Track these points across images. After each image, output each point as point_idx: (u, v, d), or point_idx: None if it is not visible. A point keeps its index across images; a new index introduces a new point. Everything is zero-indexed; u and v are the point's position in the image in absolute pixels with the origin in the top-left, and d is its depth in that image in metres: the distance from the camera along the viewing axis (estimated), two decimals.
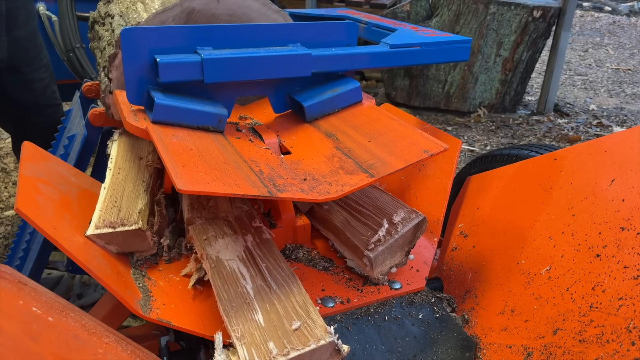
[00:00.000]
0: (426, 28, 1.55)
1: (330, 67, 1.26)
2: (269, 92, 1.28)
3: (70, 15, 2.10)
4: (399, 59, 1.36)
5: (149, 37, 1.09)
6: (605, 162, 1.09)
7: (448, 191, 1.33)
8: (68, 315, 0.69)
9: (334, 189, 1.00)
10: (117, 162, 1.23)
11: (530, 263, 1.10)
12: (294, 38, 1.26)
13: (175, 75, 1.10)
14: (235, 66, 1.14)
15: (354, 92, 1.30)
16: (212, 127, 1.15)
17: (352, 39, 1.32)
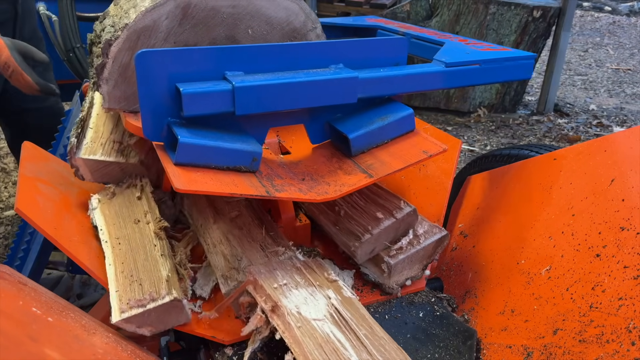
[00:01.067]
0: (477, 41, 1.39)
1: (379, 92, 1.10)
2: (305, 121, 1.11)
3: (70, 15, 2.10)
4: (458, 80, 1.18)
5: (168, 61, 0.92)
6: (605, 162, 1.09)
7: (448, 191, 1.33)
8: (68, 315, 0.69)
9: (332, 189, 1.00)
10: (112, 232, 1.06)
11: (530, 263, 1.10)
12: (336, 58, 1.08)
13: (202, 108, 0.93)
14: (271, 95, 0.97)
15: (406, 119, 1.12)
16: (245, 167, 0.98)
17: (401, 57, 1.15)
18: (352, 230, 1.08)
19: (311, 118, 1.11)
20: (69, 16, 2.11)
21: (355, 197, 1.13)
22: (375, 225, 1.05)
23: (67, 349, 0.55)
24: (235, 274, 0.99)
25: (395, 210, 1.08)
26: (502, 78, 1.25)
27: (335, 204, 1.13)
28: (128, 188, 1.19)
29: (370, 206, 1.11)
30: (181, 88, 0.91)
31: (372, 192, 1.15)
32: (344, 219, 1.11)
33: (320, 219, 1.18)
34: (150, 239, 1.03)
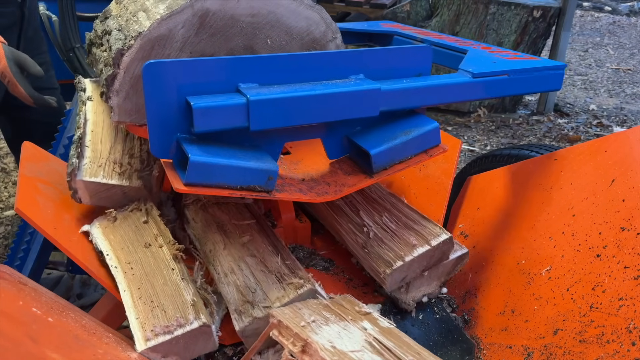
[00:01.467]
0: (501, 49, 1.32)
1: (403, 104, 1.04)
2: (322, 135, 1.05)
3: (70, 15, 2.10)
4: (486, 91, 1.11)
5: (178, 72, 0.87)
6: (605, 162, 1.09)
7: (448, 191, 1.33)
8: (68, 315, 0.68)
9: (332, 190, 1.00)
10: (121, 257, 0.99)
11: (530, 263, 1.09)
12: (356, 68, 1.02)
13: (214, 124, 0.87)
14: (288, 108, 0.91)
15: (431, 134, 1.06)
16: (260, 186, 0.92)
17: (425, 66, 1.09)
18: (382, 255, 1.00)
19: (329, 132, 1.05)
20: (69, 16, 2.11)
21: (386, 218, 1.07)
22: (409, 252, 0.98)
23: (67, 349, 0.55)
24: (249, 309, 0.90)
25: (431, 236, 1.01)
26: (531, 89, 1.19)
27: (364, 224, 1.06)
28: (132, 212, 1.13)
29: (402, 230, 1.03)
30: (192, 102, 0.85)
31: (405, 215, 1.08)
32: (374, 242, 1.02)
33: (347, 239, 1.10)
34: (166, 262, 0.96)
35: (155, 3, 1.05)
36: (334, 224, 1.14)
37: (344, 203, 1.13)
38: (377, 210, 1.11)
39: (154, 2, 1.06)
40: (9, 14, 1.78)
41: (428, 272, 1.04)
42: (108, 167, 1.12)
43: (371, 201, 1.14)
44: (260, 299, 0.91)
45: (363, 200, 1.14)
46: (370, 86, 0.97)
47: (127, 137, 1.20)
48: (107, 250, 1.01)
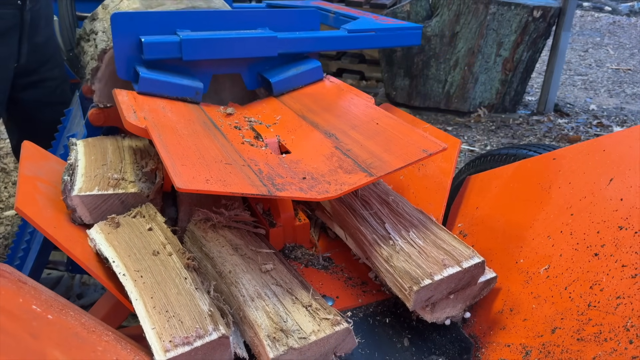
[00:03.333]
0: (386, 17, 1.74)
1: (293, 48, 1.45)
2: (242, 70, 1.46)
3: (70, 15, 2.10)
4: (356, 43, 1.55)
5: (136, 21, 1.28)
6: (603, 161, 1.09)
7: (447, 191, 1.34)
8: (68, 313, 0.69)
9: (332, 188, 1.00)
10: (128, 265, 0.97)
11: (528, 262, 1.10)
12: (263, 23, 1.44)
13: (158, 53, 1.28)
14: (210, 46, 1.32)
15: (315, 70, 1.49)
16: (190, 98, 1.33)
17: (315, 24, 1.51)
18: (409, 271, 0.96)
19: (247, 69, 1.47)
20: (69, 16, 2.11)
21: (413, 234, 1.05)
22: (438, 271, 0.95)
23: (67, 346, 0.55)
24: (283, 337, 0.86)
25: (462, 258, 0.98)
26: (393, 43, 1.62)
27: (390, 237, 1.04)
28: (135, 218, 1.11)
29: (431, 248, 1.01)
30: (143, 39, 1.27)
31: (434, 233, 1.06)
32: (400, 256, 1.00)
33: (368, 251, 1.05)
34: (177, 271, 0.95)
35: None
36: (356, 233, 1.09)
37: (369, 214, 1.11)
38: (403, 225, 1.08)
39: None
40: (7, 17, 1.76)
41: (456, 295, 1.01)
42: (103, 182, 1.15)
43: (398, 215, 1.11)
44: (294, 330, 0.87)
45: (389, 213, 1.11)
46: (269, 34, 1.40)
47: (120, 159, 1.28)
48: (112, 257, 0.99)
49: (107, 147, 1.33)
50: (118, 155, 1.29)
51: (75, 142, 1.33)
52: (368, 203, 1.15)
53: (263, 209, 1.27)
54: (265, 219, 1.24)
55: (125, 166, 1.24)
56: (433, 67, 4.35)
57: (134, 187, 1.16)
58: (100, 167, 1.22)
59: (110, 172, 1.19)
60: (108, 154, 1.29)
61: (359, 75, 4.92)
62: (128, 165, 1.25)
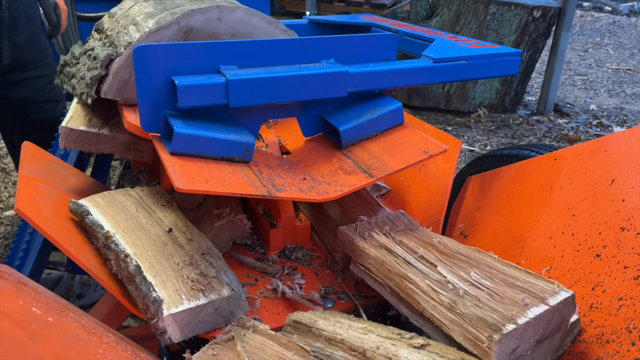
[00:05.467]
0: (467, 38, 1.43)
1: (369, 86, 1.14)
2: (298, 114, 1.16)
3: (70, 15, 2.10)
4: (445, 75, 1.23)
5: (165, 55, 0.96)
6: (605, 162, 1.09)
7: (448, 191, 1.33)
8: (68, 315, 0.68)
9: (332, 189, 1.00)
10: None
11: (530, 263, 1.09)
12: (327, 53, 1.12)
13: (197, 100, 0.97)
14: (264, 87, 1.01)
15: (395, 113, 1.16)
16: (239, 157, 1.02)
17: (391, 53, 1.19)
18: (483, 317, 0.78)
19: (304, 111, 1.16)
20: (69, 16, 2.11)
21: (476, 275, 0.87)
22: (520, 313, 0.77)
23: (67, 348, 0.55)
24: None
25: (546, 294, 0.81)
26: (488, 74, 1.30)
27: (448, 280, 0.87)
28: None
29: (503, 287, 0.84)
30: (176, 81, 0.95)
31: (500, 271, 0.89)
32: (466, 301, 0.82)
33: (422, 300, 0.87)
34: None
35: (145, 18, 1.16)
36: (403, 283, 0.92)
37: (415, 258, 0.94)
38: (460, 266, 0.91)
39: (144, 17, 1.17)
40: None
41: (540, 344, 0.82)
42: (182, 283, 0.92)
43: (449, 256, 0.94)
44: None
45: (439, 255, 0.94)
46: (338, 69, 1.08)
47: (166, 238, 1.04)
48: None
49: (138, 218, 1.07)
50: (158, 227, 1.05)
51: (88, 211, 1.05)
52: (410, 248, 0.97)
53: (264, 210, 1.27)
54: (265, 219, 1.23)
55: (186, 247, 1.00)
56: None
57: (222, 285, 0.93)
58: (160, 256, 0.96)
59: (180, 265, 0.95)
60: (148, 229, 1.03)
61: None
62: (186, 244, 1.01)
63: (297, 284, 1.13)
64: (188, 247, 1.00)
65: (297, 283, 1.13)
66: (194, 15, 1.12)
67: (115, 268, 0.97)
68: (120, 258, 0.94)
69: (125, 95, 1.14)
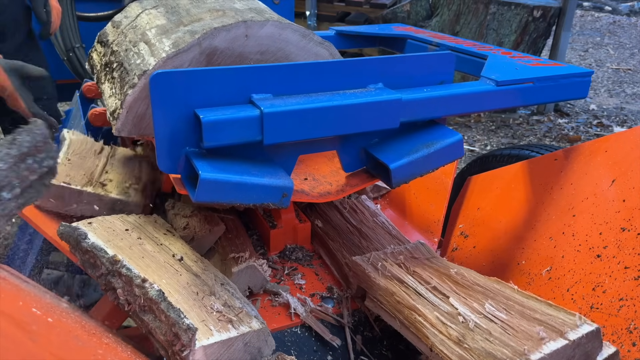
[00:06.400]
0: (522, 54, 1.27)
1: (425, 115, 0.98)
2: (338, 147, 0.98)
3: (70, 15, 2.10)
4: (509, 99, 1.06)
5: (187, 83, 0.81)
6: (605, 162, 1.08)
7: (448, 191, 1.33)
8: (68, 316, 0.68)
9: (334, 190, 0.99)
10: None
11: (530, 263, 1.09)
12: (375, 76, 0.96)
13: (226, 138, 0.81)
14: (304, 121, 0.85)
15: (455, 147, 0.98)
16: (274, 204, 0.86)
17: (448, 74, 1.03)
18: (492, 352, 0.72)
19: (345, 144, 0.98)
20: (69, 16, 2.11)
21: (491, 306, 0.81)
22: (535, 348, 0.70)
23: (67, 349, 0.55)
24: None
25: (566, 327, 0.74)
26: (557, 97, 1.14)
27: (459, 313, 0.81)
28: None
29: (519, 320, 0.78)
30: (201, 115, 0.79)
31: (519, 303, 0.82)
32: (476, 335, 0.76)
33: (430, 333, 0.82)
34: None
35: (158, 36, 0.99)
36: (412, 315, 0.86)
37: (427, 289, 0.89)
38: (474, 297, 0.84)
39: (157, 35, 0.99)
40: None
41: None
42: (206, 314, 0.83)
43: (465, 287, 0.88)
44: None
45: (454, 286, 0.89)
46: (390, 96, 0.91)
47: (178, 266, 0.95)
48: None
49: (143, 245, 0.97)
50: (166, 255, 0.95)
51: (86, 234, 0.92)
52: (424, 279, 0.91)
53: (264, 210, 1.27)
54: (265, 220, 1.23)
55: (202, 276, 0.91)
56: None
57: (250, 317, 0.84)
58: (176, 284, 0.87)
59: (200, 294, 0.86)
60: (156, 256, 0.93)
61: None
62: (201, 273, 0.92)
63: (297, 284, 1.12)
64: (204, 276, 0.90)
65: (297, 283, 1.13)
66: (217, 35, 0.93)
67: (124, 297, 0.83)
68: (135, 284, 0.81)
69: (142, 131, 0.96)
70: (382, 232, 1.18)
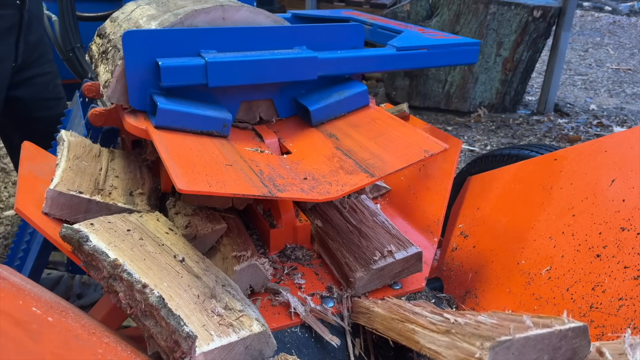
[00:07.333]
0: (433, 30, 1.52)
1: (336, 70, 1.24)
2: (274, 96, 1.26)
3: (70, 15, 2.10)
4: (406, 62, 1.32)
5: (152, 40, 1.05)
6: (605, 162, 1.09)
7: (448, 191, 1.33)
8: (68, 315, 0.68)
9: (334, 189, 1.00)
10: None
11: (530, 263, 1.09)
12: (299, 41, 1.23)
13: (178, 79, 1.06)
14: (240, 70, 1.10)
15: (361, 95, 1.27)
16: (217, 132, 1.12)
17: (358, 41, 1.29)
18: (478, 333, 0.72)
19: (279, 93, 1.27)
20: (69, 16, 2.11)
21: (482, 317, 0.78)
22: (520, 330, 0.69)
23: (67, 348, 0.55)
24: None
25: (554, 322, 0.72)
26: (448, 62, 1.37)
27: (452, 318, 0.81)
28: None
29: (510, 322, 0.74)
30: (160, 62, 1.05)
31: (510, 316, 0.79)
32: (465, 326, 0.76)
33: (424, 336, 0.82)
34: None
35: (147, 20, 1.17)
36: (404, 326, 0.88)
37: (422, 308, 0.90)
38: (468, 315, 0.84)
39: (147, 20, 1.18)
40: (7, 17, 1.77)
41: None
42: (207, 318, 0.83)
43: (460, 313, 0.86)
44: None
45: (449, 312, 0.87)
46: (308, 55, 1.18)
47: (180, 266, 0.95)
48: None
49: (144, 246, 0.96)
50: (168, 256, 0.95)
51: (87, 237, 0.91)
52: (422, 305, 0.93)
53: (263, 210, 1.27)
54: (265, 219, 1.23)
55: (203, 278, 0.91)
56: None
57: (251, 320, 0.84)
58: (177, 287, 0.87)
59: (201, 297, 0.86)
60: (157, 258, 0.93)
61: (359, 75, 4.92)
62: (202, 274, 0.92)
63: (297, 283, 1.13)
64: (205, 278, 0.91)
65: (297, 283, 1.13)
66: (197, 16, 1.12)
67: (125, 302, 0.84)
68: (135, 289, 0.82)
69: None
70: (382, 231, 1.18)
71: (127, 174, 1.26)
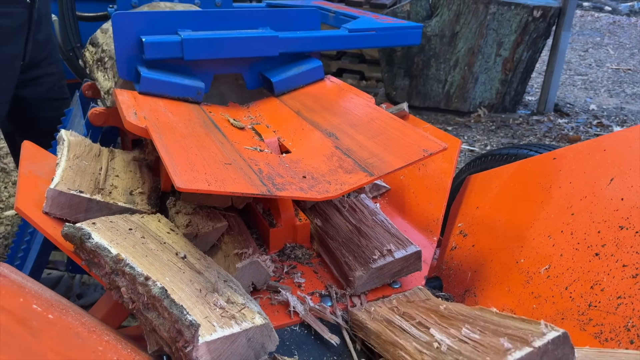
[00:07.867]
0: (386, 17, 1.73)
1: (294, 48, 1.45)
2: (243, 70, 1.46)
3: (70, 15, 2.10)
4: (356, 42, 1.55)
5: (137, 21, 1.28)
6: (604, 161, 1.09)
7: (447, 190, 1.34)
8: (68, 313, 0.69)
9: (333, 188, 1.00)
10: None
11: (529, 262, 1.10)
12: (264, 22, 1.45)
13: (158, 53, 1.27)
14: (211, 45, 1.32)
15: (316, 70, 1.49)
16: (191, 98, 1.32)
17: (315, 24, 1.51)
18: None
19: (249, 68, 1.46)
20: (69, 16, 2.11)
21: (467, 330, 0.83)
22: (498, 359, 0.72)
23: (67, 345, 0.55)
24: None
25: (533, 336, 0.73)
26: (394, 42, 1.60)
27: (435, 340, 0.84)
28: None
29: (489, 338, 0.79)
30: (143, 38, 1.26)
31: (494, 323, 0.82)
32: (447, 356, 0.80)
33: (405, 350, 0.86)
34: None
35: None
36: (395, 351, 0.90)
37: (410, 324, 0.92)
38: (455, 325, 0.87)
39: None
40: (17, 15, 1.77)
41: None
42: (209, 310, 0.83)
43: (448, 318, 0.91)
44: None
45: (437, 319, 0.91)
46: (270, 34, 1.40)
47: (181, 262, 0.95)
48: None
49: (146, 243, 0.97)
50: (169, 253, 0.96)
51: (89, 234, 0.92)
52: (411, 316, 0.95)
53: (263, 209, 1.27)
54: (265, 219, 1.24)
55: (205, 274, 0.92)
56: (433, 67, 4.35)
57: (253, 313, 0.85)
58: (180, 282, 0.87)
59: (203, 292, 0.86)
60: (159, 255, 0.94)
61: (359, 75, 4.92)
62: (204, 270, 0.93)
63: (297, 282, 1.13)
64: (207, 273, 0.92)
65: (296, 282, 1.13)
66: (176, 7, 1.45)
67: (127, 296, 0.86)
68: (138, 282, 0.83)
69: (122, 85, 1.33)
70: (382, 230, 1.18)
71: (127, 174, 1.26)
